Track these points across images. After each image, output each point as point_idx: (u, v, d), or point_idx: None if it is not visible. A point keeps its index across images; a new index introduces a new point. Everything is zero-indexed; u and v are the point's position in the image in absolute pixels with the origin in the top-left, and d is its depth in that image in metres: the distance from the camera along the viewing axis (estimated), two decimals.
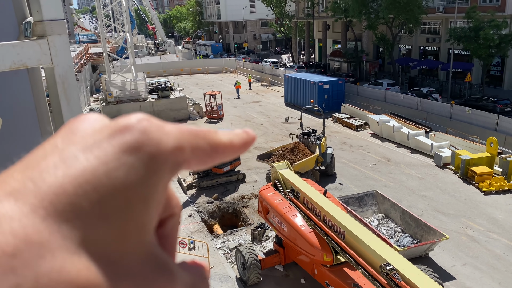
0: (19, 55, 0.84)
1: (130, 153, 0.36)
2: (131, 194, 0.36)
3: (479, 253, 13.92)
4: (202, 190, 19.70)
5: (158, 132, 0.39)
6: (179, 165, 0.40)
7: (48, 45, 0.90)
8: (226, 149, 0.43)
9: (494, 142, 20.05)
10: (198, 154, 0.41)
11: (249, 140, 0.45)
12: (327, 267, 11.08)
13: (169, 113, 33.26)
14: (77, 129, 0.38)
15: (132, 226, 0.36)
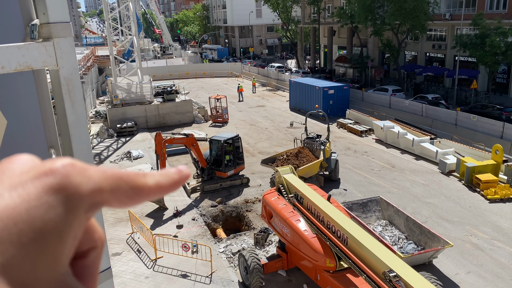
0: (25, 56, 0.86)
1: (51, 194, 0.43)
2: (47, 229, 0.41)
3: (483, 261, 13.81)
4: (206, 194, 19.71)
5: (79, 176, 0.45)
6: (97, 205, 0.46)
7: (53, 47, 0.91)
8: (151, 191, 0.50)
9: (499, 150, 19.92)
10: (118, 195, 0.47)
11: (180, 180, 0.54)
12: (330, 273, 11.03)
13: (174, 116, 33.35)
14: (7, 169, 0.45)
15: (46, 257, 0.42)
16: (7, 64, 0.81)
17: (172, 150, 25.52)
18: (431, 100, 34.32)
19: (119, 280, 13.00)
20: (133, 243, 15.29)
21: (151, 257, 14.22)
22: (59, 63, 0.92)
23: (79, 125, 1.01)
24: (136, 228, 15.86)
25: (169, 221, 16.99)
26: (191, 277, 13.10)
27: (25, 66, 0.85)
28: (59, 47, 0.91)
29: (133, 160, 24.74)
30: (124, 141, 29.05)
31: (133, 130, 30.84)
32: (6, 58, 0.81)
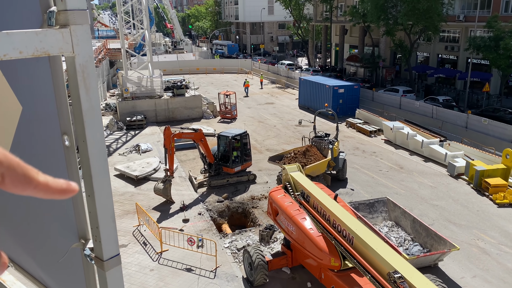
0: (42, 42, 0.87)
1: None
2: None
3: (490, 265, 13.70)
4: (212, 189, 19.78)
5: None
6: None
7: (70, 34, 0.92)
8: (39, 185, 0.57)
9: (510, 154, 19.71)
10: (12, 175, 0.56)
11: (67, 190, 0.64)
12: (334, 272, 11.02)
13: (183, 111, 33.46)
14: None
15: None
16: (24, 49, 0.83)
17: (180, 145, 25.63)
18: (443, 102, 34.01)
19: (124, 272, 13.11)
20: (139, 235, 15.41)
21: (156, 250, 14.32)
22: (75, 50, 0.94)
23: (93, 112, 1.02)
24: (142, 221, 15.98)
25: (176, 215, 17.09)
26: (195, 271, 13.17)
27: (42, 52, 0.87)
28: (76, 34, 0.93)
29: (141, 153, 24.90)
30: (133, 134, 29.23)
31: (143, 124, 31.01)
32: (24, 43, 0.83)
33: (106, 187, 1.12)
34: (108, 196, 1.16)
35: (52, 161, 1.26)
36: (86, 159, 1.06)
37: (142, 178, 20.74)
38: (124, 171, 21.29)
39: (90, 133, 1.02)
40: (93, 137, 1.04)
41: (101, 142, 1.05)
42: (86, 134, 1.02)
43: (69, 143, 1.18)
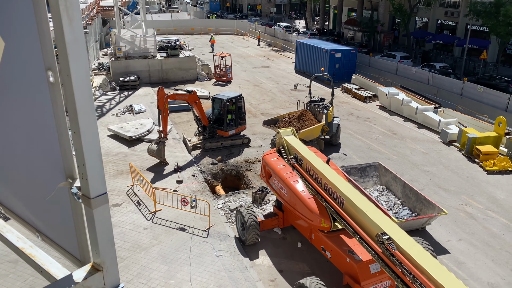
0: None
1: None
2: None
3: (475, 230, 14.08)
4: (206, 152, 19.84)
5: None
6: None
7: None
8: None
9: (502, 122, 19.83)
10: None
11: None
12: (324, 233, 11.29)
13: (177, 72, 33.00)
14: None
15: None
16: None
17: (174, 107, 25.46)
18: (439, 69, 33.78)
19: (118, 230, 13.33)
20: (133, 195, 15.57)
21: (150, 210, 14.52)
22: None
23: (77, 44, 0.99)
24: (136, 181, 16.10)
25: (169, 176, 17.21)
26: (188, 230, 13.43)
27: None
28: None
29: (135, 114, 24.74)
30: (126, 95, 28.92)
31: (136, 84, 30.63)
32: None
33: (91, 124, 1.10)
34: (94, 133, 1.15)
35: (37, 98, 1.23)
36: (70, 94, 1.03)
37: (136, 139, 20.71)
38: (117, 131, 21.22)
39: (74, 67, 0.99)
40: (78, 71, 1.00)
41: (85, 77, 1.02)
42: (70, 67, 0.99)
43: (54, 79, 1.15)
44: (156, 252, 12.29)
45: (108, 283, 1.50)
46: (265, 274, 11.69)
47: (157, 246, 12.58)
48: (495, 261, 12.50)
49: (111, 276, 1.50)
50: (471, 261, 12.45)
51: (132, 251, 12.32)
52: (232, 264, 11.85)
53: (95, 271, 1.45)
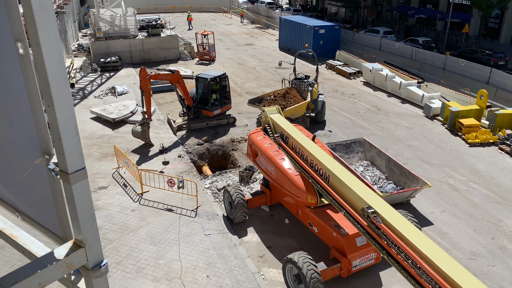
0: None
1: None
2: None
3: (458, 201, 14.44)
4: (192, 132, 19.72)
5: None
6: None
7: None
8: None
9: (484, 95, 20.12)
10: None
11: None
12: (311, 209, 11.44)
13: (159, 52, 32.44)
14: None
15: None
16: None
17: (157, 87, 25.13)
18: (422, 43, 33.90)
19: (105, 212, 13.29)
20: (119, 177, 15.47)
21: (137, 191, 14.47)
22: None
23: (45, 12, 0.93)
24: (121, 163, 15.97)
25: (155, 158, 17.12)
26: (176, 210, 13.46)
27: None
28: None
29: (117, 95, 24.35)
30: (108, 76, 28.38)
31: (118, 65, 30.05)
32: None
33: (66, 96, 1.06)
34: (69, 106, 1.11)
35: (7, 72, 1.18)
36: (41, 65, 0.99)
37: (120, 121, 20.45)
38: (100, 114, 20.90)
39: (43, 36, 0.94)
40: (47, 40, 0.96)
41: (56, 46, 0.98)
42: (40, 37, 0.94)
43: (23, 51, 1.10)
44: (144, 233, 12.32)
45: (91, 259, 1.49)
46: (253, 251, 11.85)
47: (145, 227, 12.60)
48: (477, 230, 12.88)
49: (93, 252, 1.49)
50: (454, 232, 12.80)
51: (120, 233, 12.32)
52: (221, 242, 11.96)
53: (77, 248, 1.44)
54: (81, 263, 1.49)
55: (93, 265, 1.56)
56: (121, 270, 10.82)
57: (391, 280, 10.76)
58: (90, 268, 1.55)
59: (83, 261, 1.49)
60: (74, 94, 24.30)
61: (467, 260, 11.58)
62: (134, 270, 10.83)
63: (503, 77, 24.22)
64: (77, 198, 1.22)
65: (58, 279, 1.60)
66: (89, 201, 1.29)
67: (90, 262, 1.51)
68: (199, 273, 10.73)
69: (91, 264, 1.54)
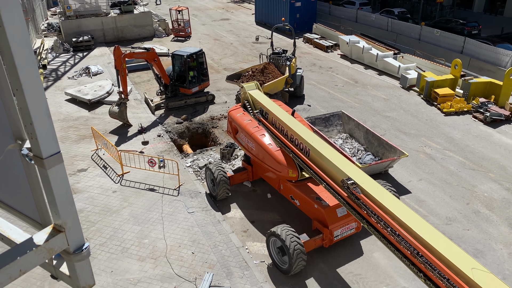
0: None
1: None
2: None
3: (434, 169, 14.84)
4: (170, 111, 19.50)
5: None
6: None
7: None
8: None
9: (458, 65, 20.44)
10: None
11: None
12: (292, 183, 11.59)
13: (133, 29, 31.61)
14: None
15: None
16: None
17: (133, 66, 24.61)
18: (398, 14, 33.97)
19: (86, 195, 13.17)
20: (98, 159, 15.27)
21: (117, 173, 14.34)
22: None
23: None
24: (100, 145, 15.74)
25: (134, 138, 16.92)
26: (158, 190, 13.43)
27: None
28: None
29: (92, 76, 23.75)
30: (81, 56, 27.58)
31: (91, 45, 29.20)
32: None
33: (35, 79, 1.03)
34: (39, 88, 1.08)
35: None
36: (6, 47, 0.95)
37: (96, 102, 20.03)
38: (75, 95, 20.40)
39: (6, 16, 0.90)
40: (11, 20, 0.91)
41: (21, 27, 0.93)
42: (2, 18, 0.89)
43: None
44: (127, 214, 12.29)
45: (72, 243, 1.49)
46: (237, 226, 12.00)
47: (128, 208, 12.56)
48: (453, 197, 13.32)
49: (74, 236, 1.49)
50: (430, 199, 13.21)
51: (103, 215, 12.26)
52: (204, 219, 12.06)
53: (57, 233, 1.43)
54: (62, 248, 1.49)
55: (74, 249, 1.55)
56: (106, 251, 10.83)
57: (372, 248, 11.10)
58: (71, 252, 1.54)
59: (64, 245, 1.49)
60: (47, 76, 23.58)
61: (444, 225, 12.01)
62: (118, 251, 10.86)
63: (476, 46, 24.60)
64: (53, 183, 1.20)
65: (39, 264, 1.60)
66: (66, 186, 1.27)
67: (71, 246, 1.50)
68: (184, 250, 10.84)
69: (72, 248, 1.54)
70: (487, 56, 23.90)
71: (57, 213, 1.39)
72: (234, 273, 10.13)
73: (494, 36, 28.88)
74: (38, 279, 9.86)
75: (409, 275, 10.09)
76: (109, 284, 9.83)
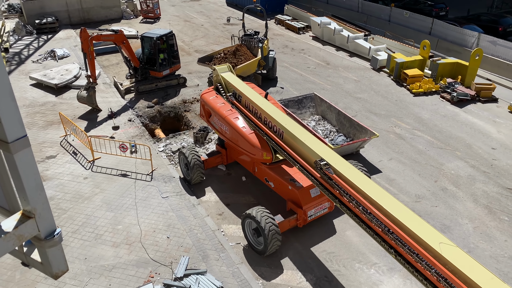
0: None
1: None
2: None
3: (404, 149, 15.24)
4: (141, 94, 19.12)
5: None
6: None
7: None
8: None
9: (427, 46, 20.85)
10: None
11: None
12: (267, 165, 11.66)
13: (100, 11, 30.56)
14: None
15: None
16: None
17: (101, 49, 23.90)
18: None
19: (56, 182, 12.85)
20: (68, 145, 14.88)
21: (88, 159, 14.04)
22: None
23: None
24: (69, 131, 15.33)
25: (104, 123, 16.54)
26: (131, 175, 13.25)
27: None
28: None
29: (58, 59, 22.93)
30: (46, 39, 26.52)
31: (55, 27, 28.09)
32: None
33: None
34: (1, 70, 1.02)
35: None
36: None
37: (63, 87, 19.40)
38: (41, 79, 19.68)
39: None
40: None
41: None
42: None
43: None
44: (99, 200, 12.10)
45: (43, 229, 1.45)
46: (212, 209, 12.03)
47: (100, 194, 12.36)
48: (421, 175, 13.75)
49: (44, 221, 1.45)
50: (400, 177, 13.60)
51: (74, 202, 12.03)
52: (179, 204, 12.02)
53: (26, 219, 1.39)
54: (32, 234, 1.45)
55: (45, 235, 1.51)
56: (79, 238, 10.66)
57: (344, 227, 11.39)
58: (42, 238, 1.51)
59: (34, 231, 1.45)
60: (9, 60, 22.60)
61: (413, 203, 12.42)
62: (92, 238, 10.71)
63: (444, 27, 25.12)
64: (20, 167, 1.15)
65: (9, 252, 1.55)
66: (34, 170, 1.24)
67: (42, 232, 1.47)
68: (159, 235, 10.80)
69: (44, 234, 1.50)
70: (454, 37, 24.47)
71: (25, 199, 1.35)
72: (210, 255, 10.20)
73: (461, 17, 29.56)
74: (9, 269, 9.64)
75: (380, 251, 10.42)
76: (83, 271, 9.72)
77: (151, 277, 9.55)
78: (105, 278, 9.53)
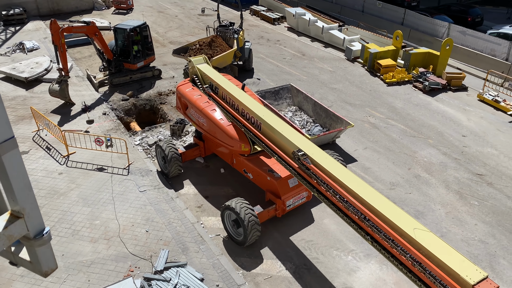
0: None
1: None
2: None
3: (378, 138, 15.57)
4: (115, 87, 18.78)
5: None
6: None
7: None
8: None
9: (399, 36, 21.23)
10: None
11: None
12: (245, 156, 11.72)
13: (70, 2, 29.69)
14: None
15: None
16: None
17: (73, 41, 23.31)
18: None
19: (30, 178, 12.44)
20: (41, 140, 14.54)
21: (62, 154, 13.76)
22: None
23: None
24: (42, 125, 14.96)
25: (78, 117, 16.21)
26: (107, 170, 13.08)
27: None
28: None
29: (27, 52, 22.22)
30: (13, 31, 25.63)
31: (23, 18, 27.15)
32: None
33: None
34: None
35: None
36: None
37: (33, 80, 18.85)
38: (10, 73, 19.06)
39: None
40: None
41: None
42: None
43: None
44: (76, 196, 11.91)
45: (32, 228, 1.46)
46: (191, 202, 12.03)
47: (76, 190, 12.17)
48: (395, 163, 14.10)
49: (33, 221, 1.46)
50: (375, 166, 13.91)
51: (50, 198, 11.80)
52: (157, 197, 11.96)
53: (15, 219, 1.40)
54: (21, 234, 1.46)
55: (35, 234, 1.52)
56: (55, 235, 10.49)
57: (322, 215, 11.60)
58: (32, 238, 1.51)
59: (24, 231, 1.45)
60: None
61: (388, 190, 12.75)
62: (69, 234, 10.56)
63: (416, 18, 25.61)
64: (9, 168, 1.16)
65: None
66: (22, 171, 1.24)
67: (31, 231, 1.47)
68: (138, 229, 10.74)
69: (33, 233, 1.50)
70: (425, 27, 24.98)
71: (14, 199, 1.35)
72: (190, 248, 10.23)
73: (432, 7, 30.17)
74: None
75: (357, 238, 10.69)
76: (60, 268, 9.59)
77: (131, 271, 9.51)
78: (83, 274, 9.44)
